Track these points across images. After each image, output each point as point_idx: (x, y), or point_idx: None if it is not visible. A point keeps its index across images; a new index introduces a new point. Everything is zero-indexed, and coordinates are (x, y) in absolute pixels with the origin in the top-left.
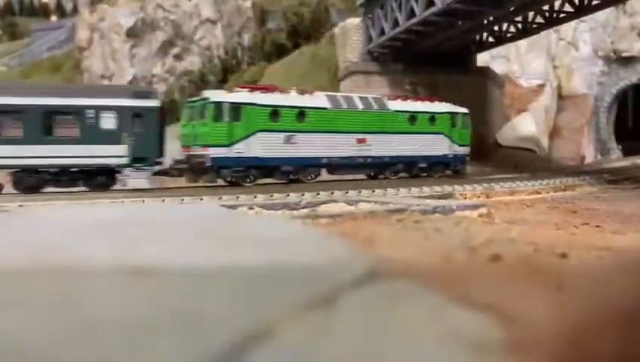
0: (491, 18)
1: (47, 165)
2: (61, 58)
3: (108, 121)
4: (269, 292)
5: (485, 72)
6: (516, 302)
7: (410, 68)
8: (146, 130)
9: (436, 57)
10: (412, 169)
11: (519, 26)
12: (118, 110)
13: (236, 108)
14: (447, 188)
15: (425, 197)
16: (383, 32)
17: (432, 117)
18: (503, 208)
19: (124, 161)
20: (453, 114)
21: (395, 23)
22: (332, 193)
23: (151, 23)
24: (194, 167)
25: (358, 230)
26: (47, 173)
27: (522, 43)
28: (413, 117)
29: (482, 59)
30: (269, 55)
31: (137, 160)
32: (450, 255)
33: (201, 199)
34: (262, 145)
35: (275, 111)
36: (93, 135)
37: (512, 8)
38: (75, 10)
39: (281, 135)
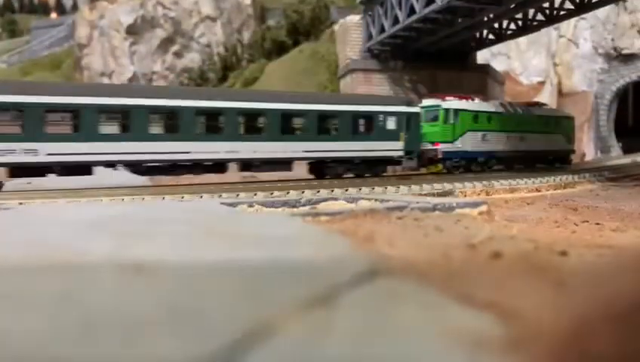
0: (491, 15)
1: (353, 157)
2: (61, 55)
3: (391, 123)
4: (269, 289)
5: (485, 69)
6: (516, 300)
7: (410, 65)
8: (412, 130)
9: (436, 55)
10: (543, 161)
11: (519, 23)
12: (398, 115)
13: (456, 112)
14: (447, 186)
15: (425, 195)
16: (383, 30)
17: (557, 120)
18: (503, 206)
19: (401, 153)
20: (567, 118)
21: (395, 21)
22: (332, 191)
23: (151, 20)
24: (425, 158)
25: (358, 228)
26: (351, 162)
27: (522, 40)
28: (547, 120)
29: (483, 56)
30: (269, 52)
31: (407, 152)
32: (450, 252)
33: (201, 197)
34: (469, 142)
35: (476, 115)
36: (382, 134)
37: (512, 5)
38: (75, 8)
39: (479, 134)
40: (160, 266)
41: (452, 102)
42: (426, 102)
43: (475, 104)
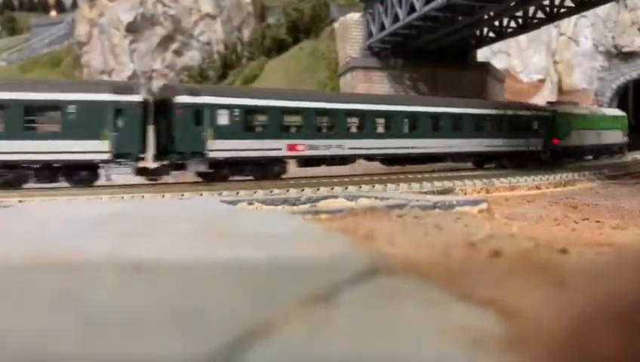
0: (491, 13)
1: (518, 151)
2: (60, 53)
3: (536, 125)
4: (268, 287)
5: (485, 67)
6: (517, 298)
7: (410, 63)
8: (547, 130)
9: (436, 53)
10: (610, 152)
11: (519, 20)
12: (539, 118)
13: (566, 114)
14: (447, 184)
15: (425, 193)
16: (383, 28)
17: (617, 118)
18: (503, 203)
19: (541, 148)
20: (623, 116)
21: (396, 18)
22: (332, 188)
23: (150, 18)
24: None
25: (358, 226)
26: (516, 155)
27: (523, 38)
28: (612, 118)
29: (483, 54)
30: (269, 50)
31: (545, 147)
32: (450, 250)
33: (201, 194)
34: (574, 138)
35: (577, 118)
36: (535, 133)
37: (512, 3)
38: (75, 5)
39: (580, 132)
40: (160, 265)
41: (561, 107)
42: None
43: (577, 108)
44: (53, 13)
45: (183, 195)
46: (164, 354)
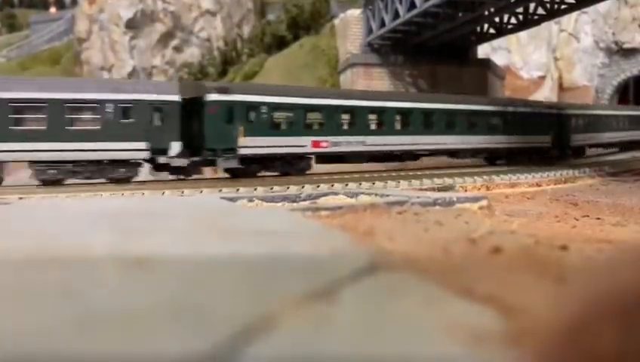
0: (492, 9)
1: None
2: (60, 50)
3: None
4: (269, 284)
5: (485, 63)
6: (516, 294)
7: (410, 60)
8: None
9: (437, 49)
10: None
11: (520, 17)
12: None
13: None
14: (448, 181)
15: (425, 190)
16: (383, 24)
17: None
18: (503, 200)
19: None
20: None
21: (396, 15)
22: (332, 185)
23: (150, 14)
24: None
25: (358, 222)
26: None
27: (523, 34)
28: None
29: (483, 51)
30: (269, 47)
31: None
32: (450, 247)
33: (201, 191)
34: None
35: None
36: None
37: None
38: (74, 2)
39: None
40: (160, 261)
41: None
42: None
43: None
44: (52, 9)
45: (183, 192)
46: (164, 351)
